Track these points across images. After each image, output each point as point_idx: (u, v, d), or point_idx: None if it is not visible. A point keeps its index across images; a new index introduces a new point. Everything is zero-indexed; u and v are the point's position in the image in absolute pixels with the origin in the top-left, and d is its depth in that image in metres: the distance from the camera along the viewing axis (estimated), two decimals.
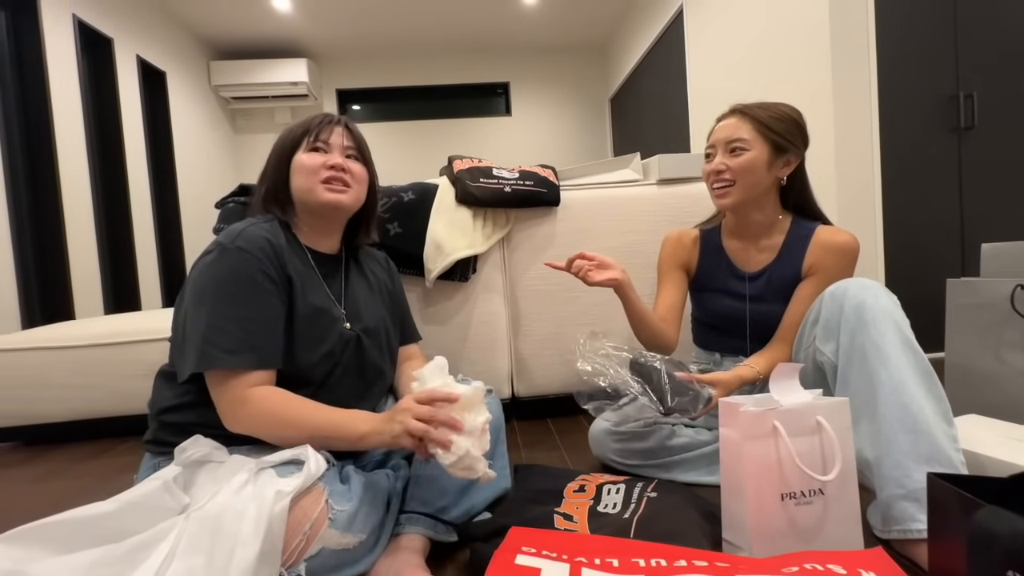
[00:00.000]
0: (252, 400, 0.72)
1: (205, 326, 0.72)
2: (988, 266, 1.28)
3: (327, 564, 0.65)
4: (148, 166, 3.43)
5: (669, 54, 3.45)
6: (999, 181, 2.05)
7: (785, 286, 1.01)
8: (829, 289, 0.86)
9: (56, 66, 2.69)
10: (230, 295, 0.73)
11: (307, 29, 4.17)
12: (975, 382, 1.21)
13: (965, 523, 0.47)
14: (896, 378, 0.74)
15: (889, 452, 0.72)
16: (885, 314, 0.78)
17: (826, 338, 0.84)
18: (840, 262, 0.97)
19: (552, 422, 1.48)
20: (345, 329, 0.86)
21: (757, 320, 1.03)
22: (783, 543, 0.68)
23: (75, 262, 2.73)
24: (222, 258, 0.75)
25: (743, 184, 0.97)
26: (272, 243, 0.78)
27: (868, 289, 0.81)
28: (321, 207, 0.84)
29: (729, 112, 1.01)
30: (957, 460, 0.70)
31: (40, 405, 1.56)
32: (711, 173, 1.01)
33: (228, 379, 0.72)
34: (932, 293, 1.39)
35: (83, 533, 0.58)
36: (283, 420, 0.73)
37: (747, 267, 1.05)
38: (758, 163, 0.96)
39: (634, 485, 0.90)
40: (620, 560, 0.59)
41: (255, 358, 0.73)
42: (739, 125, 0.98)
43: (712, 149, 1.02)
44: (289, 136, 0.86)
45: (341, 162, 0.85)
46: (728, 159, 0.98)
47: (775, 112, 0.98)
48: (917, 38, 1.99)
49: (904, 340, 0.76)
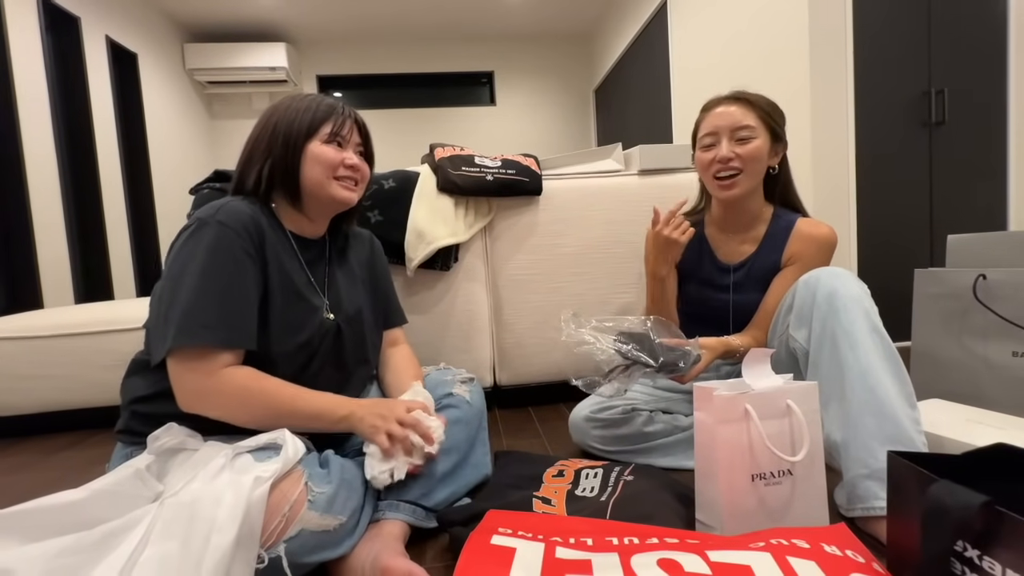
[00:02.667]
0: (226, 381, 0.71)
1: (184, 300, 0.70)
2: (953, 257, 1.32)
3: (307, 546, 0.65)
4: (119, 151, 3.32)
5: (653, 46, 3.46)
6: (967, 175, 2.13)
7: (766, 276, 1.03)
8: (803, 278, 0.88)
9: (19, 46, 2.57)
10: (209, 268, 0.72)
11: (286, 12, 4.06)
12: (939, 368, 1.26)
13: (920, 498, 0.49)
14: (864, 363, 0.76)
15: (856, 434, 0.75)
16: (855, 302, 0.80)
17: (799, 325, 0.87)
18: (819, 253, 0.99)
19: (534, 410, 1.50)
20: (326, 318, 0.84)
21: (739, 310, 1.05)
22: (753, 522, 0.70)
23: (42, 250, 2.63)
24: (201, 231, 0.73)
25: (750, 172, 0.96)
26: (255, 221, 0.77)
27: (839, 278, 0.83)
28: (332, 202, 0.84)
29: (730, 99, 0.98)
30: (919, 441, 0.74)
31: (8, 396, 1.51)
32: (716, 161, 0.96)
33: (199, 358, 0.70)
34: (902, 284, 1.43)
35: (52, 521, 0.57)
36: (262, 404, 0.72)
37: (730, 258, 1.06)
38: (763, 151, 0.95)
39: (612, 469, 0.92)
40: (594, 539, 0.60)
41: (230, 335, 0.72)
42: (745, 112, 0.95)
43: (714, 137, 0.97)
44: (300, 119, 0.82)
45: (357, 163, 0.85)
46: (737, 147, 0.94)
47: (768, 102, 0.98)
48: (892, 35, 2.03)
49: (872, 327, 0.79)
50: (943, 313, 1.25)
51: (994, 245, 1.24)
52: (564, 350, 1.47)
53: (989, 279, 1.16)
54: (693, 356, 0.87)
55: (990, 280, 1.16)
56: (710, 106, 1.02)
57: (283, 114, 0.83)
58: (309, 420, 0.74)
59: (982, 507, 0.45)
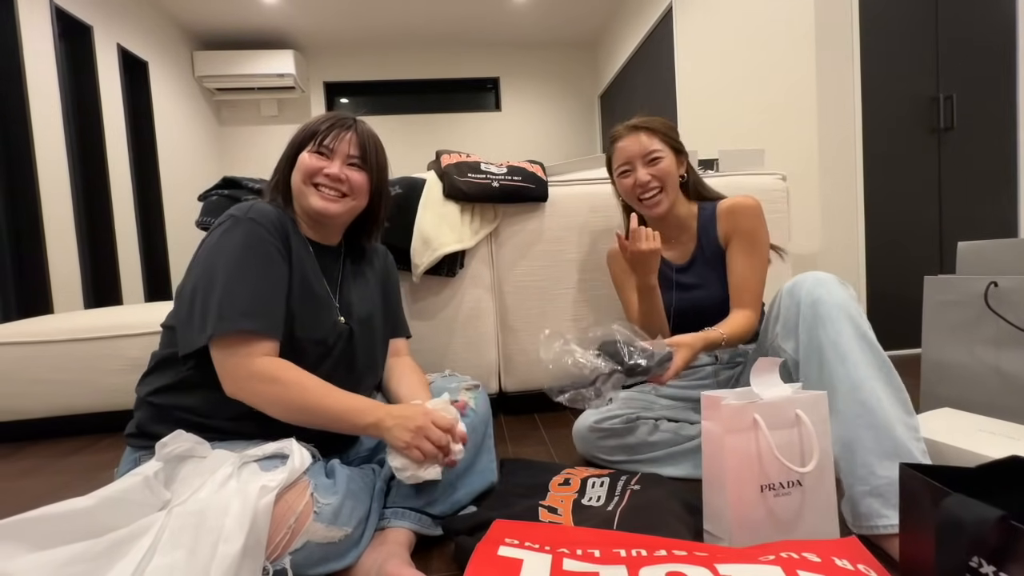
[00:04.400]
0: (264, 368, 0.72)
1: (221, 291, 0.72)
2: (964, 264, 1.31)
3: (313, 557, 0.65)
4: (129, 158, 3.36)
5: (658, 52, 3.46)
6: (977, 181, 2.11)
7: (715, 263, 1.09)
8: (786, 286, 0.87)
9: (33, 54, 2.62)
10: (244, 261, 0.75)
11: (294, 20, 4.10)
12: (950, 377, 1.24)
13: (934, 511, 0.49)
14: (854, 375, 0.75)
15: (853, 450, 0.74)
16: (840, 309, 0.79)
17: (786, 336, 0.86)
18: (748, 219, 1.05)
19: (539, 417, 1.49)
20: (339, 322, 0.86)
21: (707, 305, 1.08)
22: (762, 533, 0.69)
23: (53, 256, 2.66)
24: (235, 227, 0.77)
25: (669, 187, 1.07)
26: (281, 222, 0.80)
27: (823, 285, 0.82)
28: (310, 211, 0.85)
29: (629, 131, 1.09)
30: (917, 451, 0.72)
31: (18, 401, 1.52)
32: (638, 186, 1.07)
33: (240, 344, 0.72)
34: (911, 291, 1.42)
35: (60, 529, 0.57)
36: (297, 399, 0.73)
37: (679, 260, 1.14)
38: (672, 168, 1.08)
39: (618, 478, 0.92)
40: (601, 550, 0.60)
41: (267, 324, 0.74)
42: (647, 138, 1.07)
43: (628, 165, 1.09)
44: (303, 132, 0.87)
45: (338, 172, 0.84)
46: (650, 169, 1.06)
47: (662, 122, 1.10)
48: (900, 40, 2.03)
49: (860, 335, 0.78)
50: (954, 321, 1.24)
51: (1006, 252, 1.23)
52: None
53: (1001, 286, 1.14)
54: (659, 356, 0.84)
55: (1002, 287, 1.14)
56: (616, 138, 1.12)
57: (299, 129, 0.88)
58: (336, 419, 0.74)
59: (998, 522, 0.44)
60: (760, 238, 1.05)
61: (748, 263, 1.04)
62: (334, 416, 0.74)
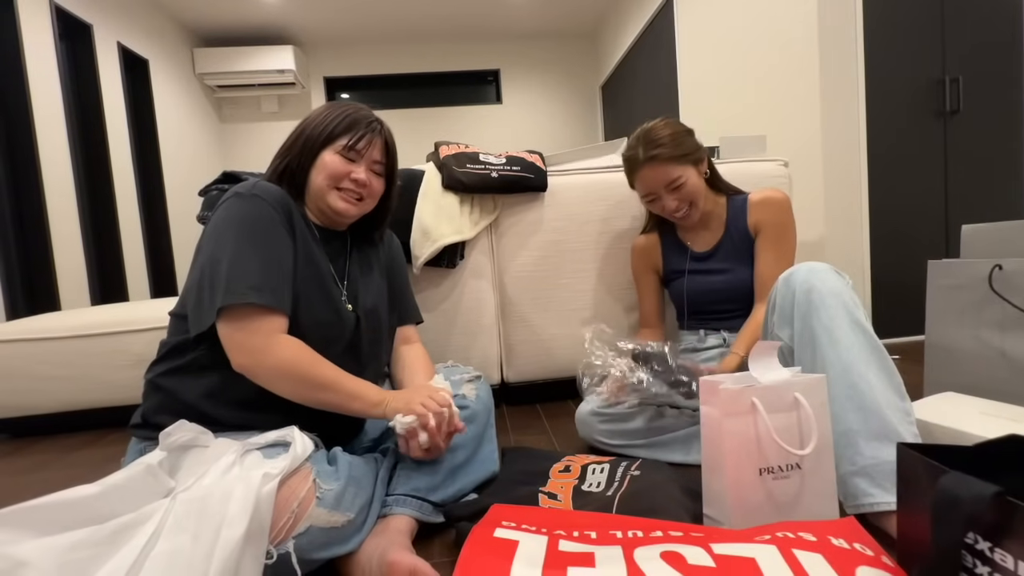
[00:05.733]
0: (277, 349, 0.73)
1: (228, 266, 0.72)
2: (968, 247, 1.30)
3: (316, 542, 0.66)
4: (132, 155, 3.38)
5: (659, 40, 3.43)
6: (983, 165, 2.08)
7: (740, 250, 1.16)
8: (782, 275, 0.88)
9: (34, 53, 2.62)
10: (251, 236, 0.75)
11: (293, 15, 4.09)
12: (955, 361, 1.23)
13: (931, 489, 0.49)
14: (845, 359, 0.76)
15: (842, 432, 0.74)
16: (834, 296, 0.80)
17: (782, 324, 0.86)
18: (778, 212, 1.12)
19: (541, 407, 1.50)
20: (346, 308, 0.86)
21: (726, 288, 1.16)
22: (761, 516, 0.70)
23: (59, 253, 2.69)
24: (240, 203, 0.77)
25: (697, 201, 1.13)
26: (285, 200, 0.80)
27: (817, 273, 0.82)
28: (328, 210, 0.85)
29: (646, 163, 1.11)
30: (908, 433, 0.72)
31: (26, 397, 1.55)
32: (668, 212, 1.14)
33: (250, 318, 0.72)
34: (917, 276, 1.41)
35: (66, 515, 0.58)
36: (308, 373, 0.74)
37: (703, 247, 1.20)
38: (695, 181, 1.12)
39: (618, 464, 0.92)
40: (598, 532, 0.60)
41: (276, 298, 0.74)
42: (665, 168, 1.10)
43: (653, 195, 1.14)
44: (325, 126, 0.84)
45: (365, 179, 0.85)
46: (676, 196, 1.11)
47: (672, 138, 1.10)
48: (904, 22, 1.99)
49: (853, 321, 0.78)
50: (958, 305, 1.23)
51: (1010, 235, 1.21)
52: (570, 347, 1.47)
53: (1005, 269, 1.13)
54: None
55: (1006, 270, 1.13)
56: (634, 168, 1.14)
57: (313, 119, 0.86)
58: (349, 398, 0.76)
59: (993, 498, 0.44)
60: (789, 232, 1.12)
61: (775, 255, 1.10)
62: (346, 394, 0.76)
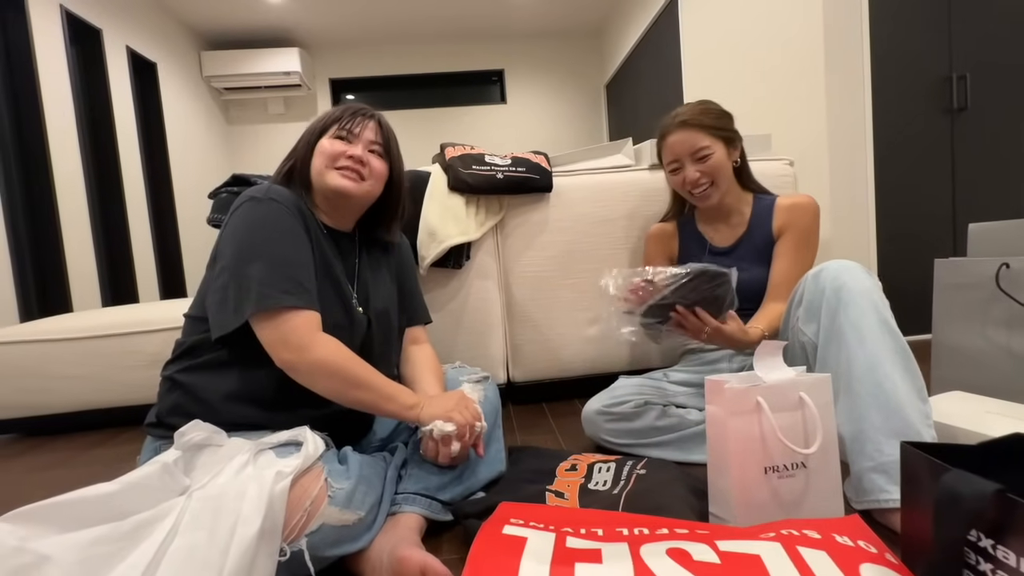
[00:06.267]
0: (319, 345, 0.74)
1: (256, 270, 0.74)
2: (975, 246, 1.29)
3: (327, 540, 0.67)
4: (141, 158, 3.42)
5: (664, 38, 3.42)
6: (991, 163, 2.06)
7: (759, 251, 1.13)
8: (811, 272, 0.88)
9: (45, 58, 2.67)
10: (271, 239, 0.76)
11: (299, 18, 4.12)
12: (962, 361, 1.23)
13: (934, 487, 0.49)
14: (872, 357, 0.76)
15: (862, 428, 0.75)
16: (864, 295, 0.80)
17: (808, 319, 0.86)
18: (805, 218, 1.10)
19: (547, 406, 1.51)
20: (357, 310, 0.87)
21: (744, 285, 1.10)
22: (767, 515, 0.70)
23: (71, 255, 2.73)
24: (257, 207, 0.78)
25: (719, 180, 1.10)
26: (298, 202, 0.82)
27: (849, 271, 0.82)
28: (330, 191, 0.86)
29: (678, 127, 1.10)
30: (928, 436, 0.73)
31: (41, 396, 1.58)
32: (689, 183, 1.10)
33: (289, 319, 0.74)
34: (923, 275, 1.41)
35: (86, 512, 0.60)
36: (348, 371, 0.76)
37: (723, 243, 1.18)
38: (723, 160, 1.09)
39: (624, 463, 0.93)
40: (604, 529, 0.61)
41: (309, 298, 0.76)
42: (695, 135, 1.08)
43: (677, 163, 1.12)
44: (321, 120, 0.89)
45: (361, 154, 0.86)
46: (700, 166, 1.09)
47: (713, 112, 1.10)
48: (911, 18, 1.98)
49: (882, 321, 0.78)
50: (965, 304, 1.22)
51: (1017, 233, 1.21)
52: (575, 346, 1.48)
53: (1013, 268, 1.13)
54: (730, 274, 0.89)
55: (1013, 269, 1.13)
56: (665, 133, 1.13)
57: (316, 118, 0.90)
58: (383, 399, 0.78)
59: (995, 495, 0.45)
60: (812, 240, 1.10)
61: (795, 260, 1.08)
62: (381, 394, 0.78)
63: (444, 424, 0.77)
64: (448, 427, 0.77)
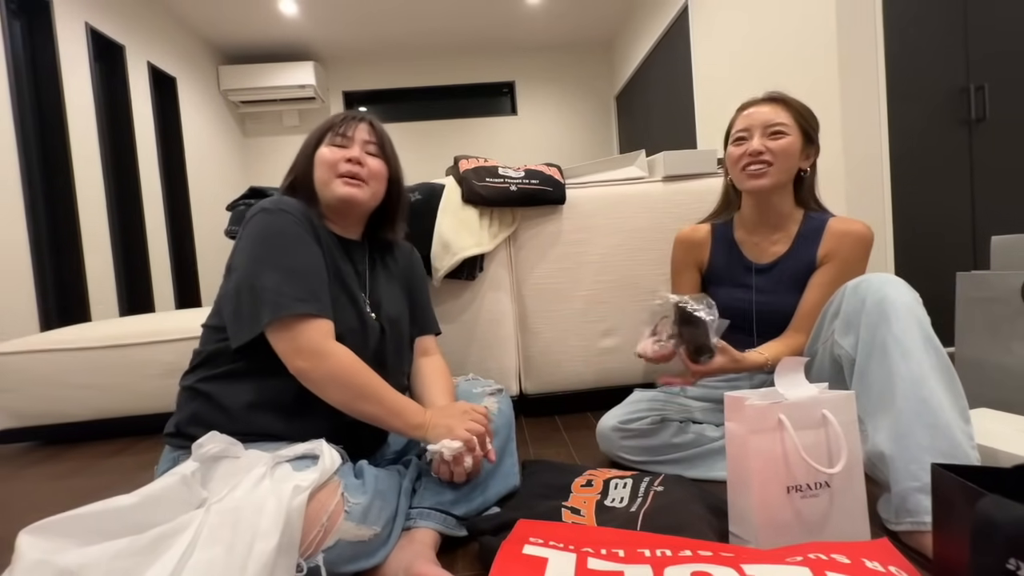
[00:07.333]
0: (333, 354, 0.75)
1: (269, 279, 0.75)
2: (998, 259, 1.27)
3: (344, 555, 0.67)
4: (160, 170, 3.49)
5: (674, 50, 3.44)
6: (1011, 174, 2.03)
7: (797, 276, 1.02)
8: (851, 283, 0.85)
9: (70, 73, 2.74)
10: (284, 249, 0.77)
11: (313, 32, 4.21)
12: (986, 376, 1.20)
13: (968, 512, 0.48)
14: (916, 373, 0.74)
15: (906, 446, 0.72)
16: (907, 310, 0.77)
17: (845, 331, 0.83)
18: (855, 250, 0.98)
19: (560, 419, 1.50)
20: (370, 317, 0.88)
21: (764, 312, 1.04)
22: (789, 536, 0.69)
23: (90, 266, 2.78)
24: (268, 217, 0.79)
25: (780, 167, 0.98)
26: (307, 212, 0.83)
27: (891, 284, 0.80)
28: (337, 201, 0.87)
29: (764, 99, 1.02)
30: (973, 457, 0.70)
31: (60, 405, 1.60)
32: (746, 155, 0.99)
33: (304, 328, 0.75)
34: (942, 287, 1.38)
35: (106, 525, 0.60)
36: (359, 383, 0.76)
37: (760, 259, 1.06)
38: (794, 148, 0.98)
39: (641, 480, 0.91)
40: (626, 550, 0.60)
41: (323, 306, 0.77)
42: (778, 111, 0.99)
43: (746, 132, 1.00)
44: (316, 132, 0.90)
45: (358, 155, 0.87)
46: (768, 141, 0.97)
47: (804, 105, 1.02)
48: (926, 29, 1.97)
49: (926, 336, 0.76)
50: (989, 318, 1.20)
51: None
52: (590, 358, 1.47)
53: None
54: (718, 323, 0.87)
55: None
56: (747, 104, 1.04)
57: (308, 135, 0.91)
58: (390, 414, 0.78)
59: None
60: (856, 273, 0.94)
61: (830, 294, 0.92)
62: (388, 409, 0.78)
63: (451, 443, 0.76)
64: (455, 444, 0.76)
